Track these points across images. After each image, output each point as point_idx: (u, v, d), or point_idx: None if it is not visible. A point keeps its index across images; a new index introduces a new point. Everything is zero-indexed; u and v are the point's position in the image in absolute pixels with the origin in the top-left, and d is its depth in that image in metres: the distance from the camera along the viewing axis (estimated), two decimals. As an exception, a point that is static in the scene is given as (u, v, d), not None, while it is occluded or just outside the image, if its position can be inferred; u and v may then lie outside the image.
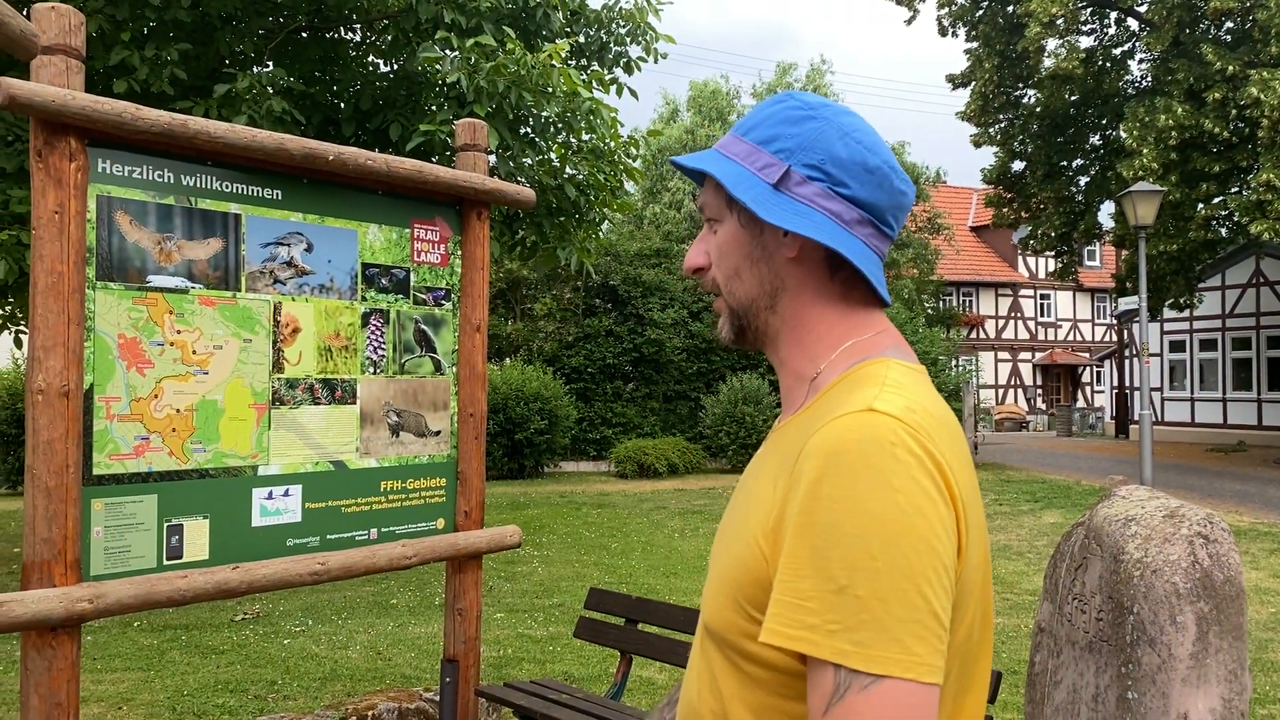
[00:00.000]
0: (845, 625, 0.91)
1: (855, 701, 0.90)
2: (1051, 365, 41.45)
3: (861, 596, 0.91)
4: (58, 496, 2.95)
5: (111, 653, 6.25)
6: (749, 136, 1.15)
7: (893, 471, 0.94)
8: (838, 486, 0.94)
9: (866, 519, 0.92)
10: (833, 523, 0.93)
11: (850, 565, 0.91)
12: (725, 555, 1.10)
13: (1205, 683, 2.20)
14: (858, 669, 0.90)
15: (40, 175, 2.97)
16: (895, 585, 0.91)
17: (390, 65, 8.98)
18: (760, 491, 1.08)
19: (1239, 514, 12.89)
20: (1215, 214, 18.67)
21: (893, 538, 0.92)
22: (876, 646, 0.90)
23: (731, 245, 1.16)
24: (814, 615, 0.92)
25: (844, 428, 0.98)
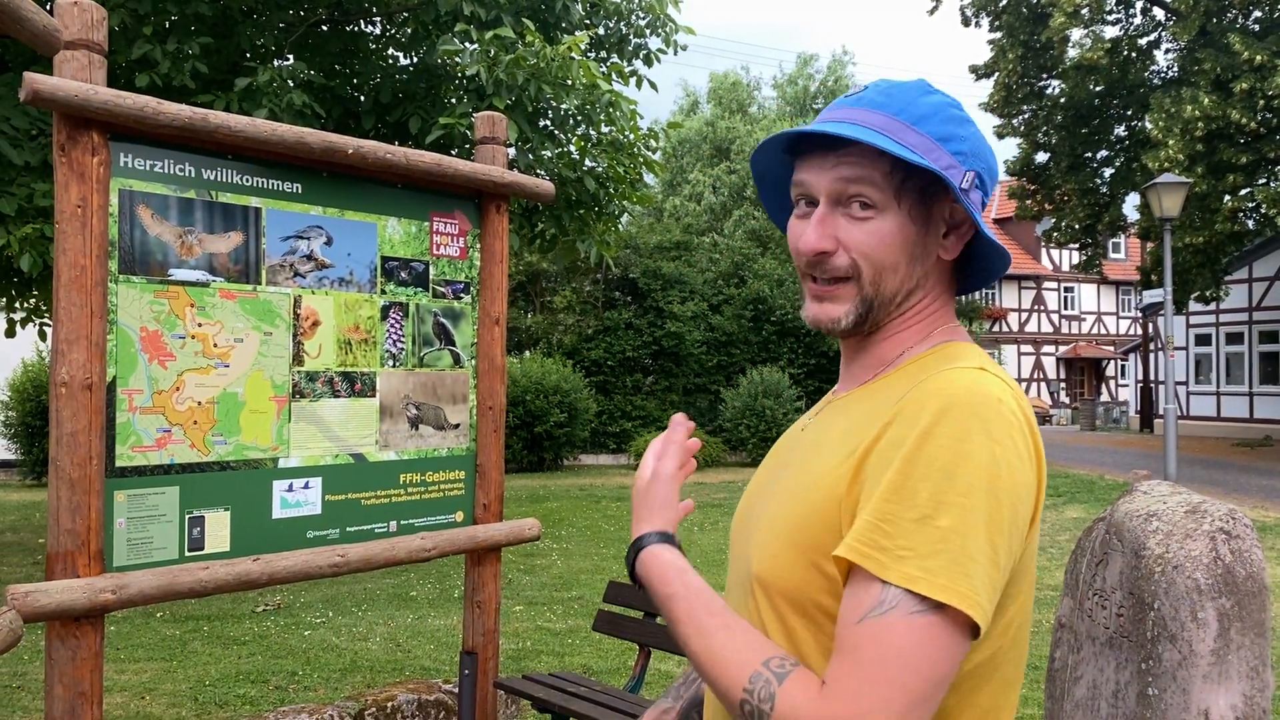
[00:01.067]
0: (917, 552, 0.92)
1: (896, 620, 0.91)
2: (1075, 359, 41.14)
3: (941, 528, 0.93)
4: (81, 488, 2.98)
5: (135, 643, 6.32)
6: (923, 128, 1.09)
7: (996, 425, 0.97)
8: (945, 430, 0.96)
9: (963, 460, 0.95)
10: (930, 459, 0.95)
11: (937, 498, 0.94)
12: (785, 506, 1.09)
13: (1226, 679, 2.18)
14: (918, 592, 0.91)
15: (63, 169, 2.99)
16: (974, 526, 0.93)
17: (410, 58, 9.00)
18: (830, 447, 1.09)
19: (1265, 509, 12.76)
20: (1242, 206, 18.46)
21: (981, 482, 0.94)
22: (945, 576, 0.92)
23: (895, 239, 1.09)
24: (888, 539, 0.94)
25: (957, 380, 1.01)
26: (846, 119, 1.09)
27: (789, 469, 1.16)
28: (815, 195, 1.11)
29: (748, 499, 1.25)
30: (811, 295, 1.14)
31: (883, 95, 1.10)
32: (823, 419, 1.19)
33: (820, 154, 1.10)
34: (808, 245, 1.10)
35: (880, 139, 1.05)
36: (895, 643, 0.91)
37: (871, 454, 1.01)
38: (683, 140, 31.03)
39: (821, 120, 1.12)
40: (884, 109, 1.09)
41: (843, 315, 1.12)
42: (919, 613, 0.91)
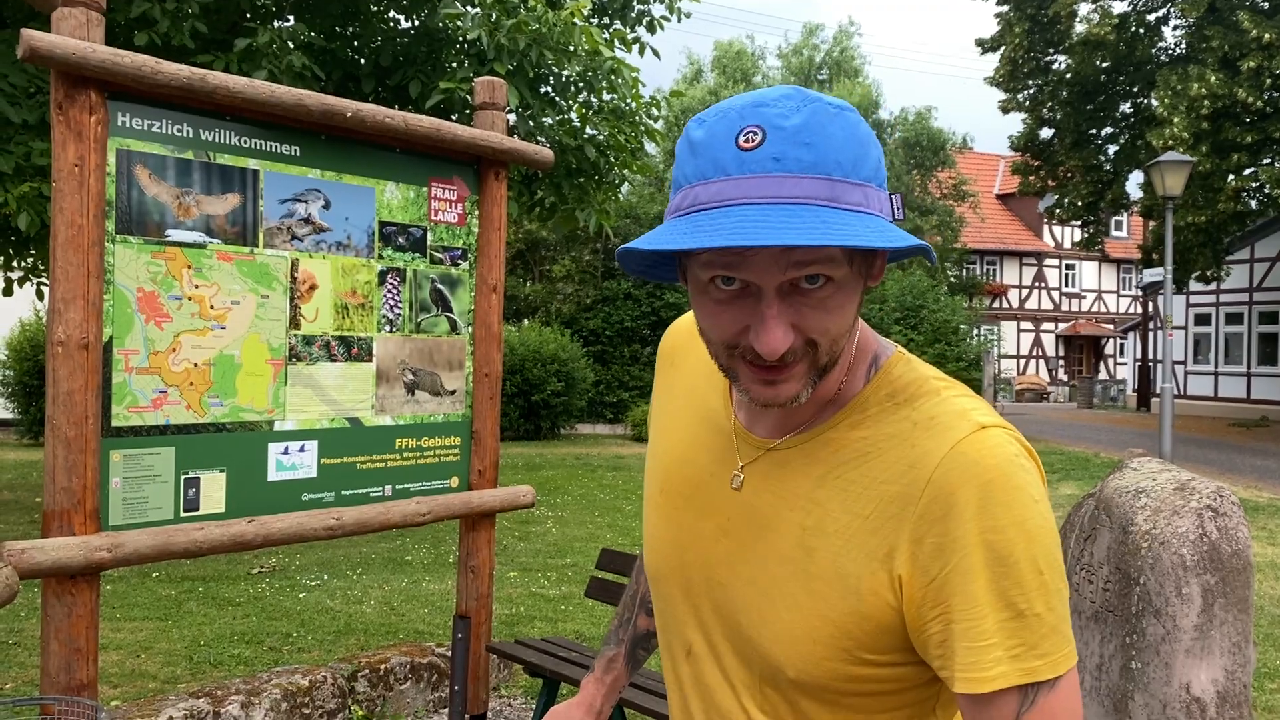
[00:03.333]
0: (1028, 645, 0.93)
1: (1048, 704, 0.94)
2: (1074, 336, 41.15)
3: (1040, 613, 0.93)
4: (77, 447, 2.99)
5: (131, 602, 6.36)
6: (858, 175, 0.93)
7: (1031, 485, 0.96)
8: (997, 518, 0.94)
9: (1029, 541, 0.94)
10: (1000, 556, 0.93)
11: (1025, 589, 0.93)
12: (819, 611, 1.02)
13: (1209, 654, 2.20)
14: (1045, 679, 0.94)
15: (60, 128, 2.98)
16: (1059, 590, 0.95)
17: (411, 21, 8.92)
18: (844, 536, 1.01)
19: (1258, 489, 12.82)
20: (1246, 185, 18.39)
21: (1050, 548, 0.95)
22: (1057, 652, 0.94)
23: (851, 303, 0.98)
24: (999, 649, 0.93)
25: (975, 456, 0.95)
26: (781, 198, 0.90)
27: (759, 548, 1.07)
28: (756, 283, 0.94)
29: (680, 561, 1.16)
30: (758, 379, 0.99)
31: (802, 148, 0.91)
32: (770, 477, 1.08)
33: None
34: (771, 349, 0.94)
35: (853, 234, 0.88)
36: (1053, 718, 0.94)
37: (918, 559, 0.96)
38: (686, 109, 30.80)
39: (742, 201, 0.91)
40: (815, 170, 0.91)
41: (800, 390, 0.99)
42: (1054, 688, 0.94)
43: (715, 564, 1.12)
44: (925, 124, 31.61)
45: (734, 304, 0.96)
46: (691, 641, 1.16)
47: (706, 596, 1.13)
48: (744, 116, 0.93)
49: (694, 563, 1.14)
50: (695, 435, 1.18)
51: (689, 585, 1.15)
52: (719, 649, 1.12)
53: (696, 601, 1.14)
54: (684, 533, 1.16)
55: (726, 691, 1.12)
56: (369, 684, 4.36)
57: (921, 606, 0.96)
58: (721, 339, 0.99)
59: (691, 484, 1.16)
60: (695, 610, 1.15)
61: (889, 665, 1.01)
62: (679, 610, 1.17)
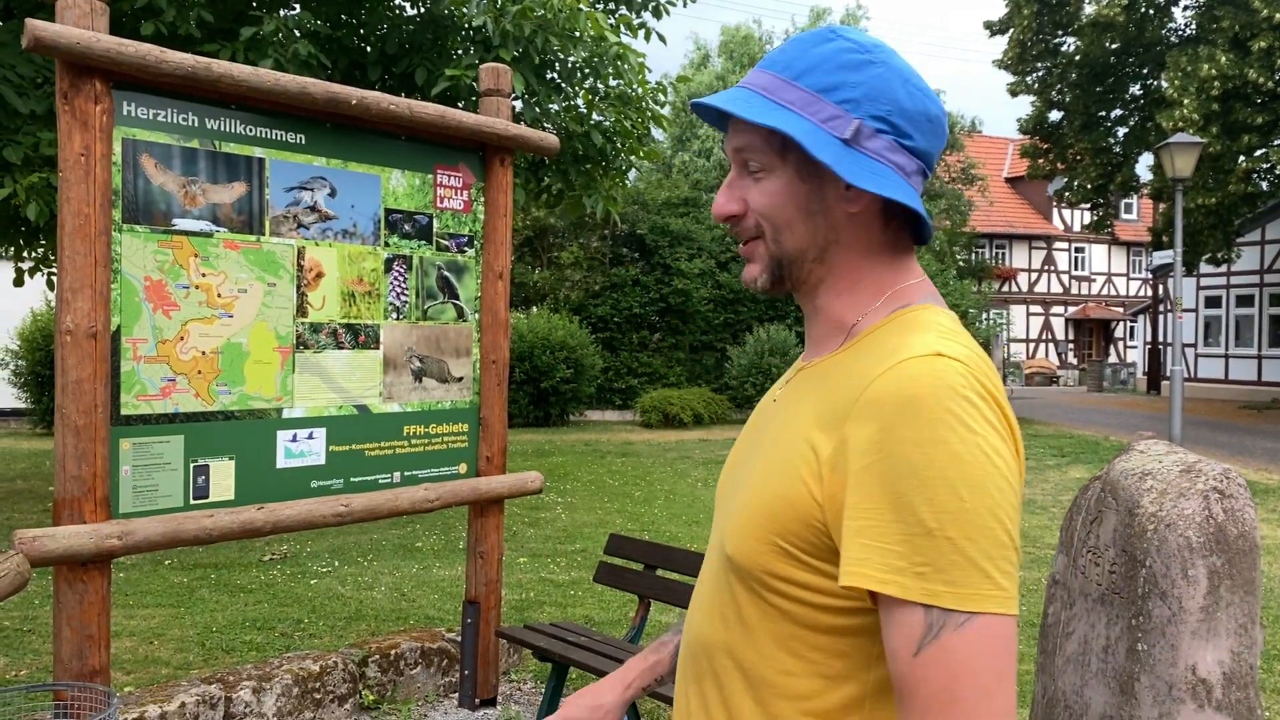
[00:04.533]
0: (936, 567, 0.92)
1: (951, 640, 0.92)
2: (1084, 320, 41.00)
3: (953, 538, 0.92)
4: (87, 435, 3.01)
5: (143, 589, 6.41)
6: (803, 82, 1.07)
7: (970, 415, 0.95)
8: (918, 431, 0.95)
9: (952, 462, 0.93)
10: (916, 468, 0.94)
11: (939, 508, 0.93)
12: (758, 492, 1.09)
13: (1215, 636, 2.20)
14: (952, 608, 0.92)
15: (66, 118, 2.99)
16: (985, 524, 0.93)
17: (416, 8, 8.90)
18: (799, 430, 1.07)
19: (1268, 472, 12.78)
20: (1256, 167, 18.28)
21: (979, 479, 0.94)
22: (970, 585, 0.92)
23: (785, 198, 1.10)
24: (901, 559, 0.94)
25: (915, 372, 0.98)
26: (742, 84, 1.12)
27: (761, 445, 1.15)
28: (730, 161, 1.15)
29: (727, 470, 1.26)
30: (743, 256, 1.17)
31: (777, 53, 1.11)
32: (792, 390, 1.17)
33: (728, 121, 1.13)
34: (715, 209, 1.15)
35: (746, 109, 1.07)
36: (958, 665, 0.92)
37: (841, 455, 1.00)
38: (692, 95, 30.70)
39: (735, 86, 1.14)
40: (772, 68, 1.10)
41: (758, 274, 1.15)
42: (966, 622, 0.92)
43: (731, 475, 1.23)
44: (934, 107, 31.40)
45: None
46: (708, 561, 1.22)
47: (719, 505, 1.23)
48: None
49: (727, 475, 1.25)
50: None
51: (720, 495, 1.25)
52: (711, 549, 1.20)
53: (716, 511, 1.23)
54: (734, 454, 1.26)
55: (704, 587, 1.19)
56: (379, 669, 4.39)
57: (840, 507, 0.99)
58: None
59: (759, 414, 1.26)
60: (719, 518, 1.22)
61: (813, 570, 1.02)
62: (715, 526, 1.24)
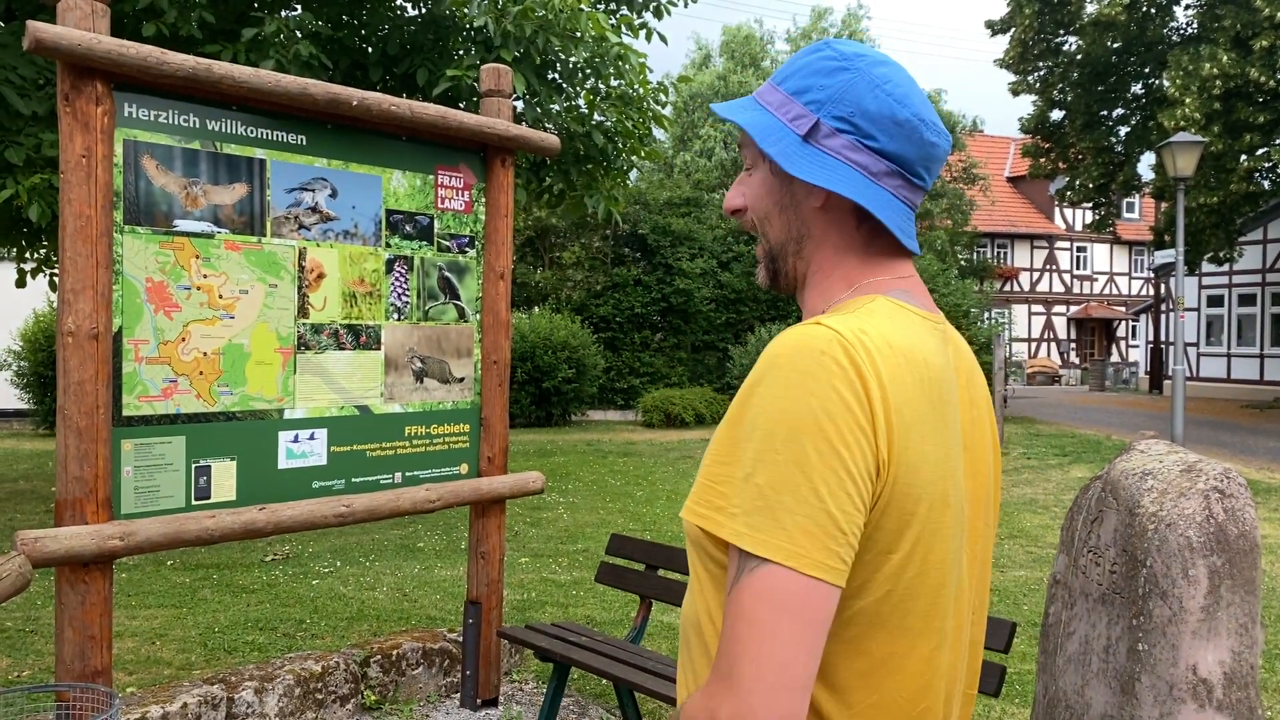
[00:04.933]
0: (744, 509, 0.98)
1: (744, 582, 0.96)
2: (1086, 319, 40.97)
3: (760, 484, 0.97)
4: (88, 436, 3.02)
5: (146, 590, 6.42)
6: (784, 86, 1.18)
7: (813, 376, 1.00)
8: (765, 387, 1.01)
9: (778, 415, 0.99)
10: (753, 418, 1.01)
11: (756, 456, 0.98)
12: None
13: (1215, 635, 2.20)
14: (747, 550, 0.96)
15: (68, 119, 3.00)
16: (789, 478, 0.97)
17: (418, 9, 8.91)
18: None
19: (1271, 471, 12.77)
20: (1258, 166, 18.25)
21: (795, 434, 0.98)
22: (764, 531, 0.96)
23: (763, 192, 1.20)
24: (722, 498, 1.00)
25: (787, 336, 1.04)
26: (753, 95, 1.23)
27: None
28: None
29: None
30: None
31: (785, 65, 1.22)
32: None
33: None
34: (725, 204, 1.25)
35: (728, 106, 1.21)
36: (742, 606, 0.95)
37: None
38: (694, 94, 30.73)
39: None
40: (774, 77, 1.21)
41: (761, 271, 1.25)
42: (757, 567, 0.95)
43: None
44: (935, 106, 31.39)
45: None
46: None
47: None
48: None
49: None
50: None
51: None
52: None
53: None
54: None
55: None
56: (381, 669, 4.39)
57: None
58: None
59: None
60: None
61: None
62: None
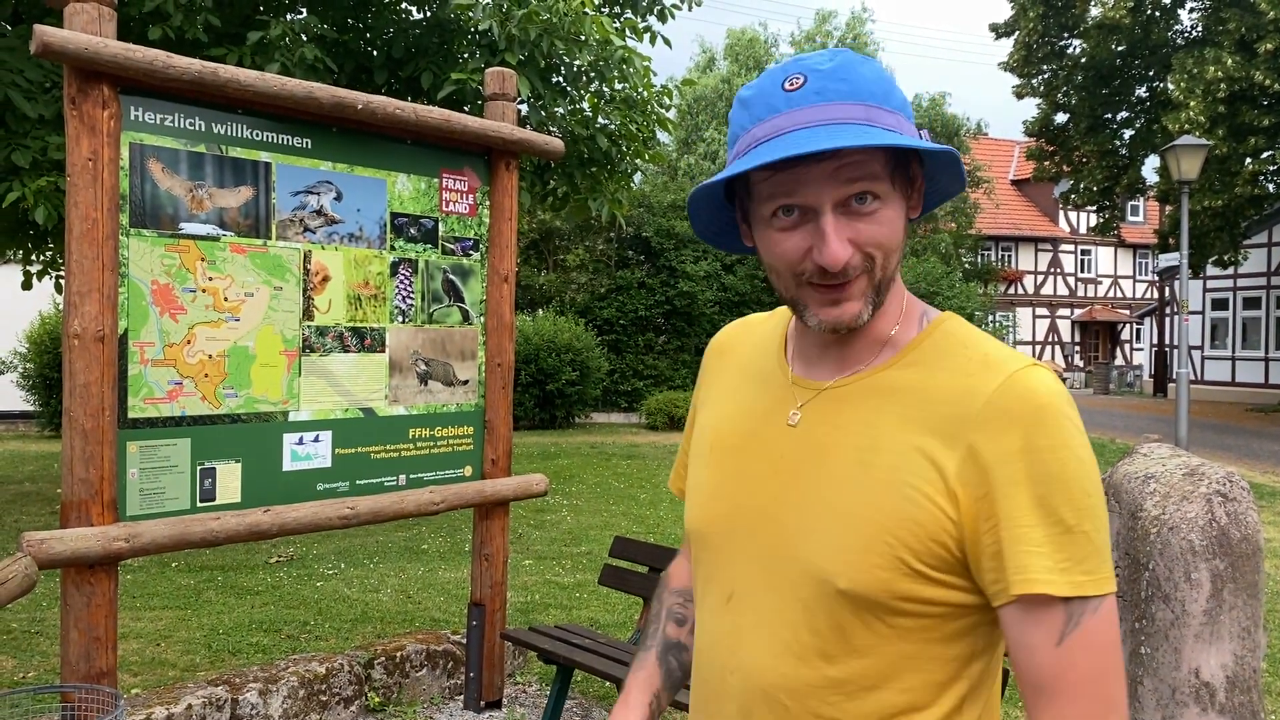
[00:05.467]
0: (1075, 560, 1.01)
1: (1091, 624, 1.00)
2: (1091, 322, 40.90)
3: (1088, 532, 1.01)
4: (94, 438, 3.03)
5: (150, 591, 6.43)
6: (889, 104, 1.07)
7: (1076, 419, 1.05)
8: (1050, 438, 1.02)
9: (1077, 463, 1.02)
10: (1051, 473, 1.01)
11: (1075, 507, 1.01)
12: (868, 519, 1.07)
13: (1218, 639, 2.21)
14: (1090, 595, 1.00)
15: (74, 122, 3.01)
16: (1102, 516, 1.03)
17: (423, 12, 8.93)
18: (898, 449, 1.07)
19: (1275, 474, 12.74)
20: (1263, 169, 18.22)
21: (1094, 475, 1.04)
22: (1101, 572, 1.02)
23: (899, 220, 1.09)
24: (1047, 558, 1.00)
25: (1032, 384, 1.05)
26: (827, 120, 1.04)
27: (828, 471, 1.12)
28: (812, 205, 1.06)
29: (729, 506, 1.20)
30: (823, 301, 1.10)
31: (839, 82, 1.06)
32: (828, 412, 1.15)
33: (806, 164, 1.05)
34: (834, 259, 1.05)
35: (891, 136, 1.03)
36: (1099, 644, 1.01)
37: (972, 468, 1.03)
38: (698, 98, 30.77)
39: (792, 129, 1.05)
40: (852, 98, 1.05)
41: (863, 309, 1.10)
42: (1099, 604, 1.01)
43: (765, 501, 1.16)
44: (939, 110, 31.45)
45: (796, 231, 1.08)
46: (734, 585, 1.18)
47: (752, 536, 1.17)
48: (786, 69, 1.09)
49: (743, 505, 1.19)
50: (749, 393, 1.26)
51: (735, 528, 1.19)
52: (762, 584, 1.15)
53: (743, 542, 1.18)
54: (733, 478, 1.21)
55: (768, 628, 1.13)
56: (385, 671, 4.40)
57: (976, 519, 1.03)
58: (788, 266, 1.10)
59: (743, 433, 1.22)
60: (741, 551, 1.18)
61: (939, 584, 1.05)
62: (722, 556, 1.20)
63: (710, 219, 1.23)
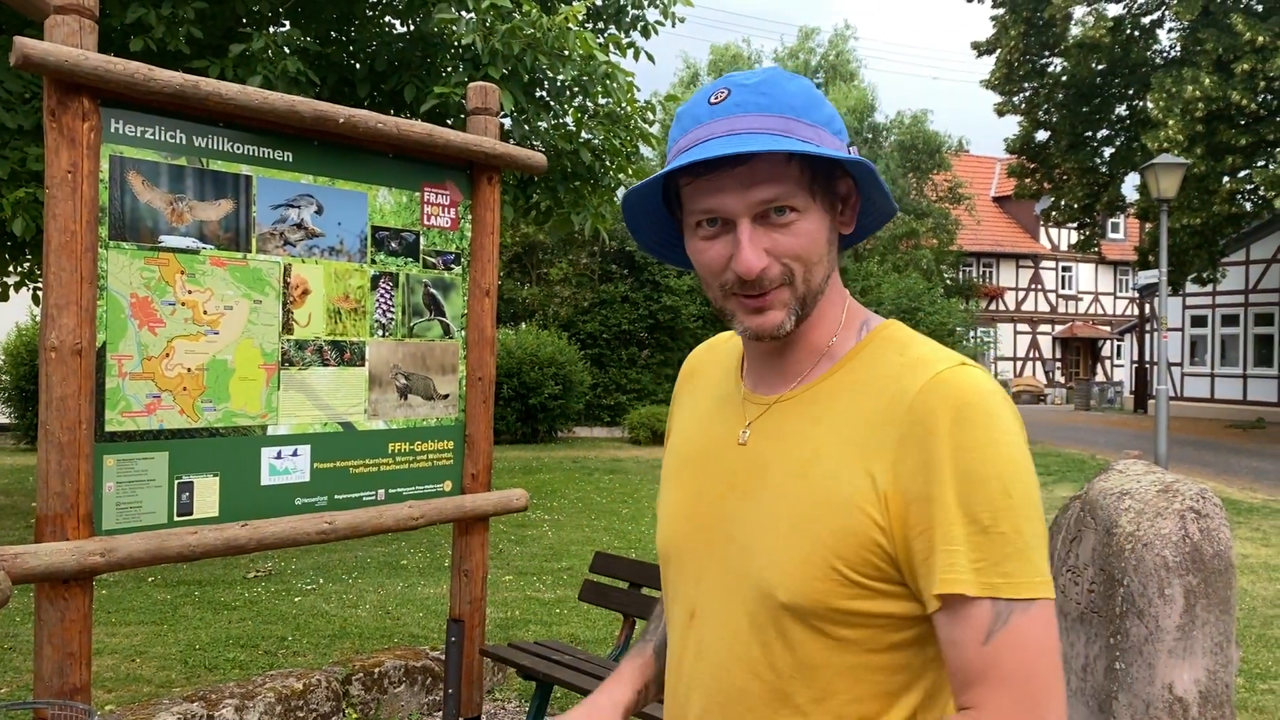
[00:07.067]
0: (992, 560, 0.99)
1: (1021, 624, 0.98)
2: (1071, 338, 41.19)
3: (1005, 533, 0.99)
4: (70, 452, 3.01)
5: (126, 606, 6.37)
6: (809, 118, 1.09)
7: (1006, 417, 1.03)
8: (969, 436, 1.01)
9: (999, 462, 1.01)
10: (971, 470, 1.00)
11: (992, 507, 1.00)
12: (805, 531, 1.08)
13: (1191, 654, 2.22)
14: (1012, 597, 0.99)
15: (53, 135, 3.00)
16: (1027, 516, 1.01)
17: (406, 26, 8.94)
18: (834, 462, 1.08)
19: (1253, 491, 12.84)
20: (1240, 188, 18.42)
21: (1020, 474, 1.01)
22: (1024, 574, 0.99)
23: (819, 233, 1.11)
24: (963, 557, 1.00)
25: (954, 384, 1.04)
26: (739, 130, 1.07)
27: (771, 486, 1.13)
28: (730, 215, 1.09)
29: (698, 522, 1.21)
30: (747, 309, 1.12)
31: (759, 95, 1.08)
32: (772, 426, 1.17)
33: (722, 172, 1.08)
34: (748, 268, 1.08)
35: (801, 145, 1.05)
36: (1029, 644, 0.99)
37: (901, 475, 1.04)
38: (682, 113, 30.89)
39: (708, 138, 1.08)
40: (770, 110, 1.07)
41: (785, 319, 1.12)
42: (1028, 608, 0.99)
43: (722, 519, 1.18)
44: (921, 127, 31.65)
45: (717, 240, 1.12)
46: (696, 603, 1.19)
47: (710, 553, 1.18)
48: (715, 84, 1.13)
49: (703, 523, 1.20)
50: (710, 413, 1.28)
51: (695, 547, 1.21)
52: (719, 601, 1.16)
53: (703, 560, 1.19)
54: (694, 496, 1.23)
55: (723, 643, 1.15)
56: (363, 687, 4.38)
57: (906, 524, 1.03)
58: (712, 275, 1.13)
59: (705, 452, 1.25)
60: (701, 569, 1.19)
61: (877, 595, 1.05)
62: (686, 575, 1.22)
63: (653, 231, 1.27)
